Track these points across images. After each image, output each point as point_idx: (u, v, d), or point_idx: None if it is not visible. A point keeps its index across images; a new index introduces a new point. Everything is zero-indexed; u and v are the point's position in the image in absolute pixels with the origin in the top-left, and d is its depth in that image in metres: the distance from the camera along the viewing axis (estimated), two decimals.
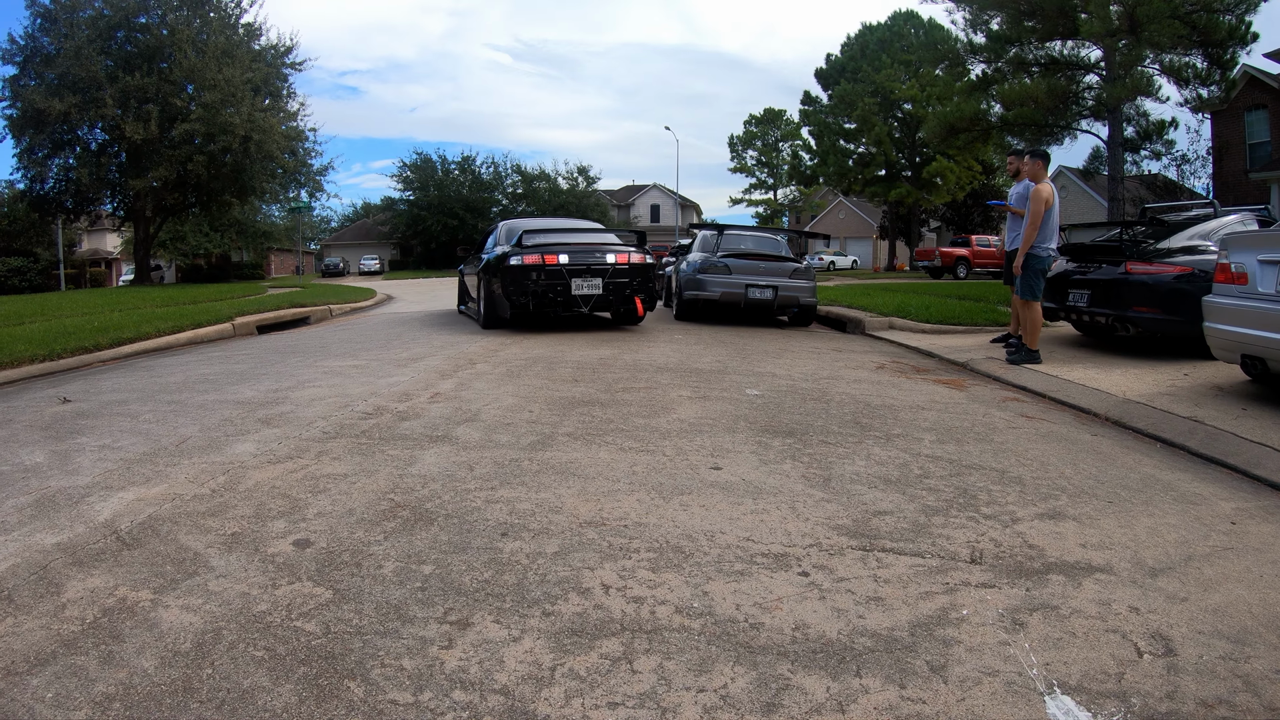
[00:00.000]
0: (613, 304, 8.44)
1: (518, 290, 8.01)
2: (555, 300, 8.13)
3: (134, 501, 2.78)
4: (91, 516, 2.63)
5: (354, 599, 2.03)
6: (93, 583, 2.11)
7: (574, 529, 2.51)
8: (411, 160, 48.97)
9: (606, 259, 8.31)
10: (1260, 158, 18.88)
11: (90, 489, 2.93)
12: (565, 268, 8.11)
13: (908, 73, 31.97)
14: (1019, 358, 6.43)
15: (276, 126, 24.90)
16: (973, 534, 2.54)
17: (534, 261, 8.01)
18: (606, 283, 8.27)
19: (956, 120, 14.54)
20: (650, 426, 3.93)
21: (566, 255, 8.15)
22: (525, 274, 8.00)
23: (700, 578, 2.18)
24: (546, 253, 8.09)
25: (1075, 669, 1.73)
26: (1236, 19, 12.10)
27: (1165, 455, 3.88)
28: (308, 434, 3.74)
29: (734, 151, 62.27)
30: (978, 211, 34.68)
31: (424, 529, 2.51)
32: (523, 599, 2.04)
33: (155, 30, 24.34)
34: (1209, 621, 1.97)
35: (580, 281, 8.16)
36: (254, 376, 5.58)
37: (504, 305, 8.18)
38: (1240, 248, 4.84)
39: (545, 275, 8.04)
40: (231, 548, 2.36)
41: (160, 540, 2.41)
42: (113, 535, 2.46)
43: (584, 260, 8.22)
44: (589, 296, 8.24)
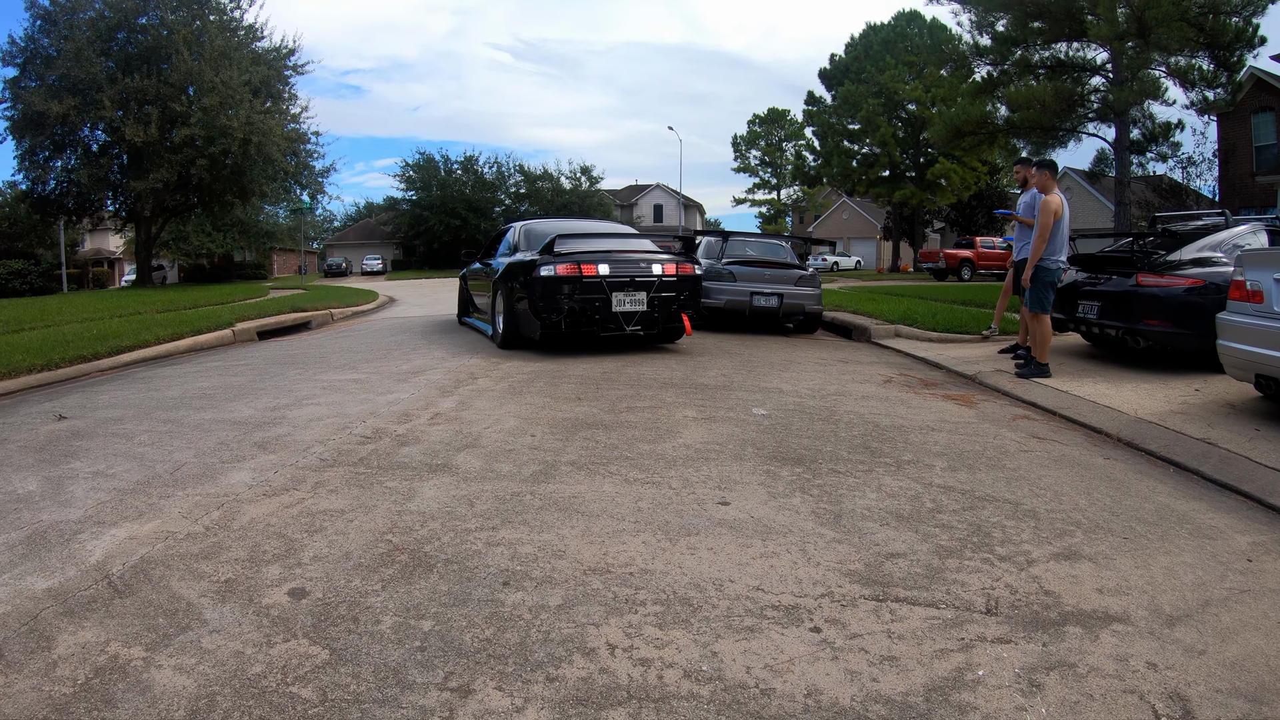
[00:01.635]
0: (657, 321, 7.43)
1: (549, 306, 6.90)
2: (593, 318, 7.08)
3: (126, 540, 2.72)
4: (83, 558, 2.58)
5: (351, 660, 1.96)
6: (84, 636, 2.06)
7: (578, 577, 2.43)
8: (414, 160, 48.87)
9: (653, 270, 7.27)
10: (1267, 160, 18.80)
11: (83, 524, 2.88)
12: (606, 280, 7.03)
13: (912, 73, 31.83)
14: (1028, 371, 6.34)
15: (277, 129, 24.81)
16: (988, 579, 2.47)
17: (569, 272, 6.91)
18: (651, 297, 7.22)
19: (963, 123, 14.41)
20: (655, 453, 3.85)
21: (607, 265, 7.08)
22: (558, 287, 6.88)
23: (709, 635, 2.10)
24: (584, 261, 7.00)
25: None
26: (1244, 21, 11.98)
27: (1179, 481, 3.79)
28: (305, 461, 3.67)
29: (737, 151, 62.30)
30: (982, 213, 34.52)
31: (423, 577, 2.43)
32: (526, 661, 1.97)
33: (155, 32, 24.29)
34: (1227, 678, 1.92)
35: (622, 296, 7.08)
36: (252, 392, 5.52)
37: (531, 324, 7.10)
38: (1257, 266, 4.75)
39: (582, 289, 6.95)
40: (225, 597, 2.29)
41: (153, 587, 2.35)
42: (104, 580, 2.40)
43: (627, 271, 7.16)
44: (631, 314, 7.18)
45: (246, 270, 43.77)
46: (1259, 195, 18.46)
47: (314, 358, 7.42)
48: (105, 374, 6.87)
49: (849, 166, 34.75)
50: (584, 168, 50.82)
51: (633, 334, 7.57)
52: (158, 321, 10.00)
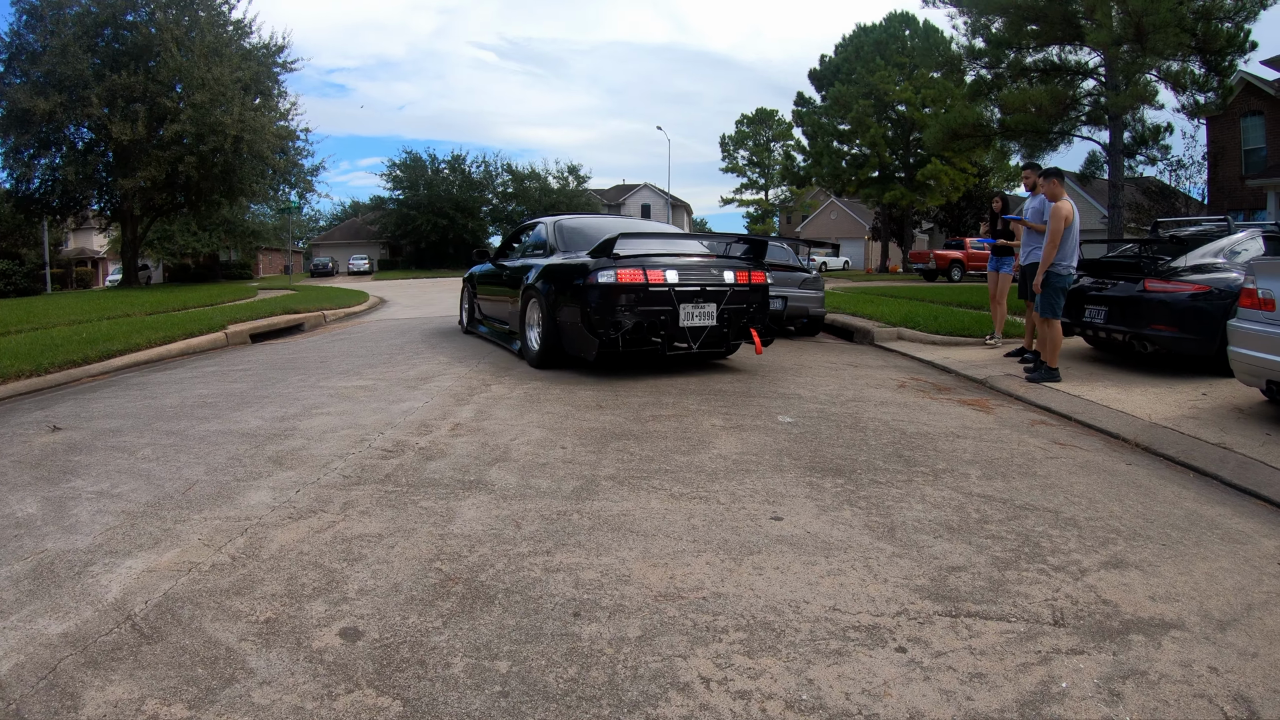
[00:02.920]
0: (727, 337, 6.49)
1: (607, 320, 5.85)
2: (658, 334, 6.09)
3: (145, 573, 2.53)
4: (99, 594, 2.38)
5: (429, 712, 1.81)
6: (114, 692, 1.85)
7: (650, 604, 2.34)
8: (401, 159, 48.71)
9: (724, 278, 6.35)
10: (1256, 163, 19.08)
11: (93, 553, 2.69)
12: (674, 289, 6.05)
13: (903, 75, 31.98)
14: (1038, 376, 6.35)
15: (268, 126, 24.49)
16: (1048, 590, 2.50)
17: (633, 279, 5.90)
18: (722, 310, 6.29)
19: (959, 126, 14.45)
20: (694, 465, 3.79)
21: (676, 272, 6.10)
22: (618, 296, 5.85)
23: (800, 661, 2.05)
24: (650, 267, 6.02)
25: None
26: (1236, 27, 12.13)
27: (1201, 486, 3.90)
28: (327, 478, 3.53)
29: (725, 151, 62.37)
30: (971, 214, 34.78)
31: (485, 610, 2.30)
32: (620, 702, 1.87)
33: (143, 28, 23.86)
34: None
35: (690, 308, 6.12)
36: (255, 400, 5.38)
37: (584, 340, 6.01)
38: (1269, 274, 4.81)
39: (647, 299, 5.95)
40: (269, 641, 2.12)
41: (183, 630, 2.16)
42: (127, 622, 2.21)
43: (697, 279, 6.21)
44: (699, 329, 6.21)
45: (232, 270, 43.30)
46: (1247, 198, 18.72)
47: (314, 362, 7.28)
48: (97, 379, 6.70)
49: (839, 167, 34.83)
50: (571, 167, 51.00)
51: (700, 353, 6.75)
52: (148, 324, 9.78)
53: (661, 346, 6.20)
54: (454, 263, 48.23)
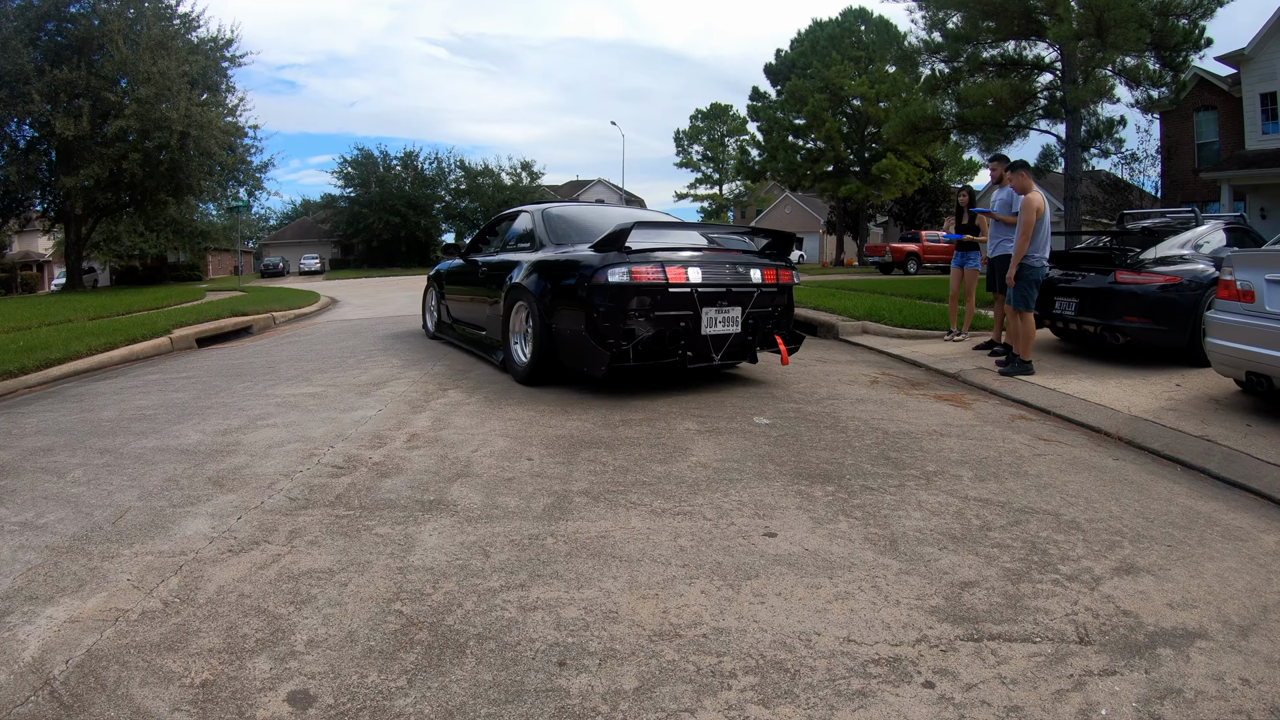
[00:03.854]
0: (751, 346, 5.62)
1: (618, 328, 4.94)
2: (677, 344, 5.19)
3: (67, 624, 2.18)
4: (15, 652, 2.03)
5: None
6: None
7: (645, 646, 2.06)
8: (353, 156, 47.70)
9: (751, 277, 5.45)
10: (1208, 157, 19.66)
11: (11, 600, 2.33)
12: (697, 290, 5.14)
13: (858, 69, 32.17)
14: (1012, 369, 6.26)
15: (215, 121, 23.51)
16: (1067, 604, 2.38)
17: (651, 278, 4.96)
18: (747, 315, 5.43)
19: (919, 120, 14.49)
20: (672, 476, 3.52)
21: (699, 270, 5.17)
22: (632, 299, 4.96)
23: (823, 708, 1.81)
24: (670, 264, 5.08)
25: None
26: (1192, 23, 12.37)
27: (1191, 481, 3.85)
28: (271, 502, 3.17)
29: (680, 146, 62.26)
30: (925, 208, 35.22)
31: (456, 662, 1.99)
32: None
33: (86, 21, 22.72)
34: None
35: (714, 313, 5.24)
36: (198, 410, 4.96)
37: (590, 353, 4.97)
38: (1247, 266, 4.79)
39: (665, 302, 5.05)
40: (207, 711, 1.78)
41: (108, 697, 1.83)
42: (45, 688, 1.87)
43: (722, 278, 5.30)
44: (723, 337, 5.33)
45: (180, 272, 41.92)
46: (1200, 191, 19.24)
47: (262, 368, 6.84)
48: (35, 390, 6.19)
49: (794, 161, 34.92)
50: (525, 163, 50.53)
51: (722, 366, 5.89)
52: (89, 330, 9.20)
53: (681, 360, 5.23)
54: (407, 261, 47.41)
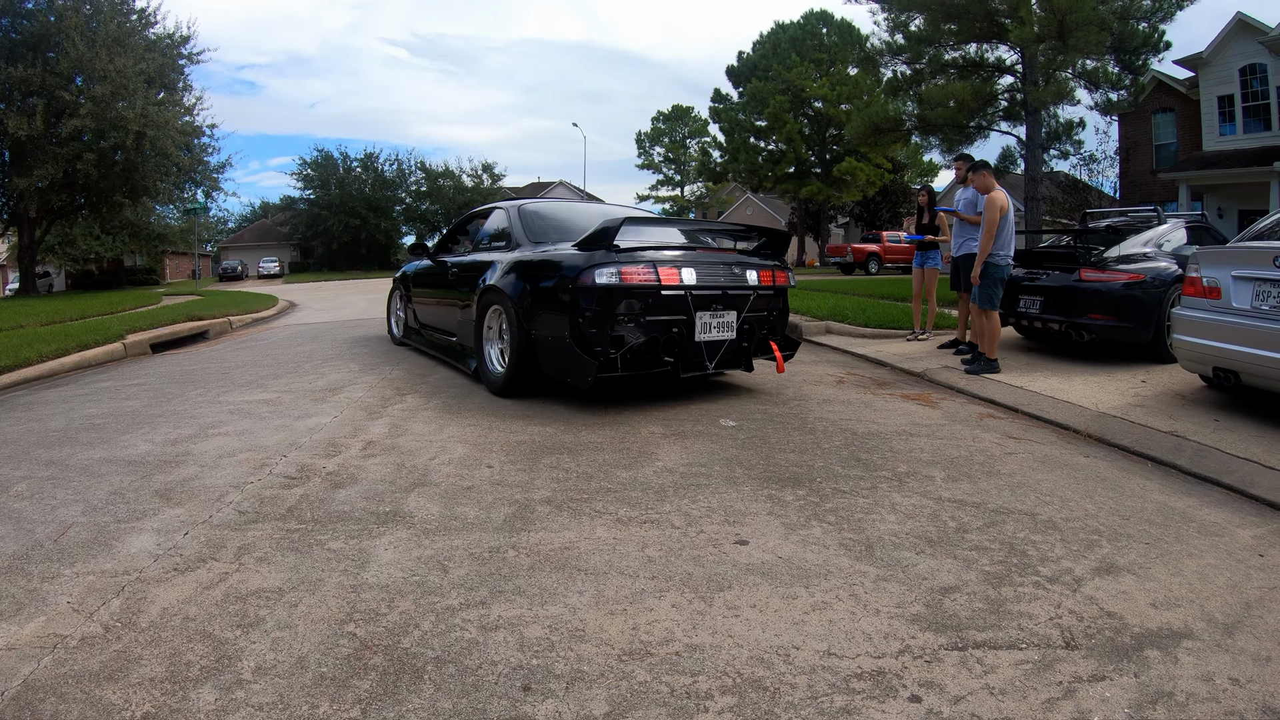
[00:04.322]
0: (746, 354, 5.26)
1: (605, 334, 4.56)
2: (670, 352, 4.79)
3: (3, 652, 2.00)
4: None
5: None
6: None
7: (615, 667, 1.93)
8: (313, 157, 46.89)
9: (748, 279, 5.10)
10: (1166, 158, 20.21)
11: None
12: (691, 292, 4.79)
13: (820, 71, 32.42)
14: (978, 368, 6.26)
15: (172, 121, 22.72)
16: (1050, 607, 2.33)
17: (643, 279, 4.58)
18: (743, 320, 5.10)
19: (881, 121, 14.60)
20: (638, 482, 3.40)
21: (693, 271, 4.79)
22: (621, 303, 4.59)
23: None
24: (662, 264, 4.70)
25: None
26: (1151, 27, 12.66)
27: (1162, 477, 3.85)
28: (220, 516, 2.98)
29: (641, 148, 62.30)
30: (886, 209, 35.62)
31: (413, 689, 1.85)
32: None
33: (43, 17, 21.77)
34: None
35: (708, 318, 4.88)
36: (148, 419, 4.72)
37: (575, 362, 4.55)
38: (1213, 263, 4.84)
39: (657, 306, 4.68)
40: None
41: None
42: None
43: (717, 280, 4.93)
44: (717, 345, 4.98)
45: (137, 275, 40.77)
46: (1158, 191, 19.75)
47: (215, 374, 6.58)
48: None
49: (756, 163, 35.05)
50: (486, 165, 50.27)
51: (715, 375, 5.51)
52: (41, 336, 8.82)
53: (674, 368, 4.82)
54: (367, 264, 46.74)
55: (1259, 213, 17.25)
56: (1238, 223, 18.25)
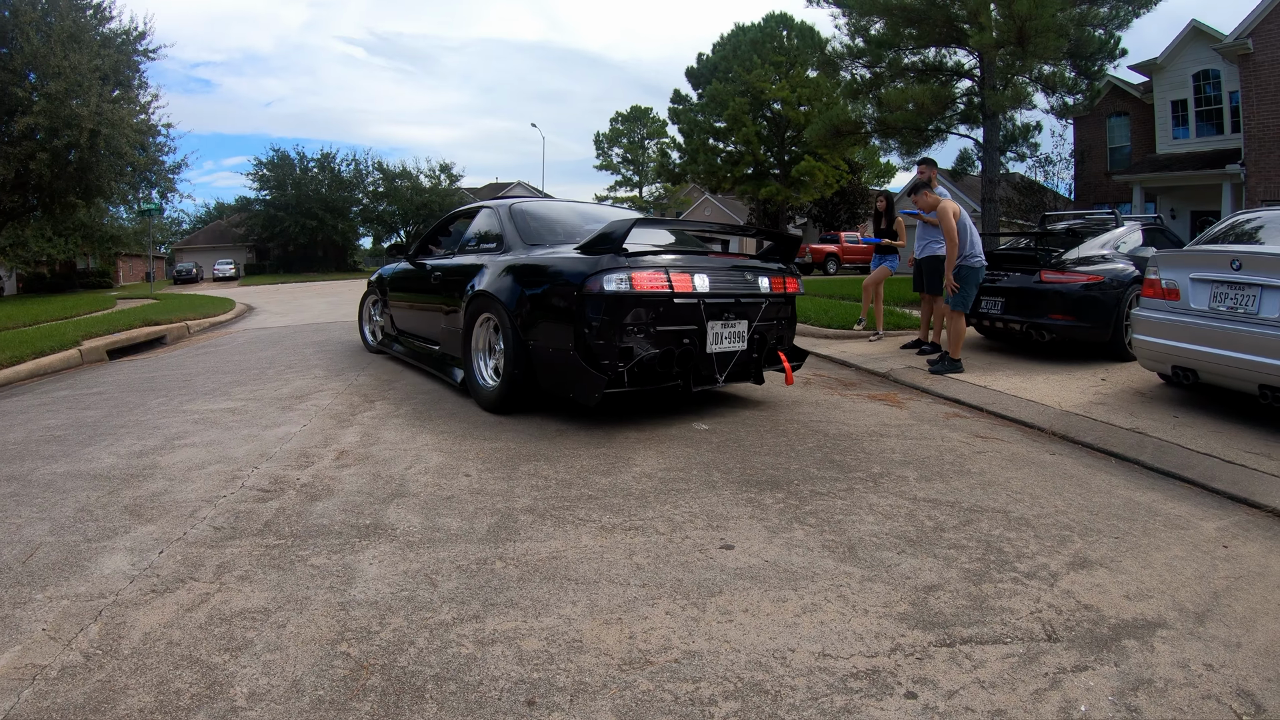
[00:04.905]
0: (756, 365, 4.99)
1: (614, 346, 4.20)
2: (683, 365, 4.47)
3: None
4: None
5: None
6: None
7: (616, 677, 1.93)
8: (269, 157, 45.82)
9: (760, 285, 4.85)
10: (1120, 160, 20.85)
11: None
12: (704, 300, 4.49)
13: (779, 74, 32.69)
14: (942, 368, 6.38)
15: (128, 119, 21.92)
16: (1030, 602, 2.41)
17: (654, 286, 4.26)
18: (754, 330, 4.83)
19: (841, 123, 14.80)
20: (618, 488, 3.40)
21: (706, 277, 4.50)
22: (631, 312, 4.23)
23: None
24: (675, 270, 4.39)
25: None
26: (1107, 34, 13.08)
27: (1127, 473, 3.97)
28: (195, 533, 2.88)
29: (600, 149, 62.20)
30: (844, 209, 36.03)
31: (415, 709, 1.80)
32: None
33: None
34: (1270, 667, 2.09)
35: (719, 328, 4.58)
36: (110, 430, 4.57)
37: (581, 376, 4.20)
38: (1172, 266, 5.00)
39: (668, 315, 4.36)
40: None
41: None
42: None
43: (730, 287, 4.66)
44: (728, 355, 4.70)
45: (90, 279, 39.46)
46: (1112, 192, 20.38)
47: (177, 382, 6.40)
48: None
49: (715, 164, 35.19)
50: (443, 165, 49.63)
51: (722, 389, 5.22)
52: None
53: (684, 383, 4.50)
54: (324, 266, 45.93)
55: (1211, 214, 17.94)
56: (1190, 224, 18.92)
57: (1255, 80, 15.39)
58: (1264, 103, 15.30)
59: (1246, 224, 5.38)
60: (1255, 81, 15.40)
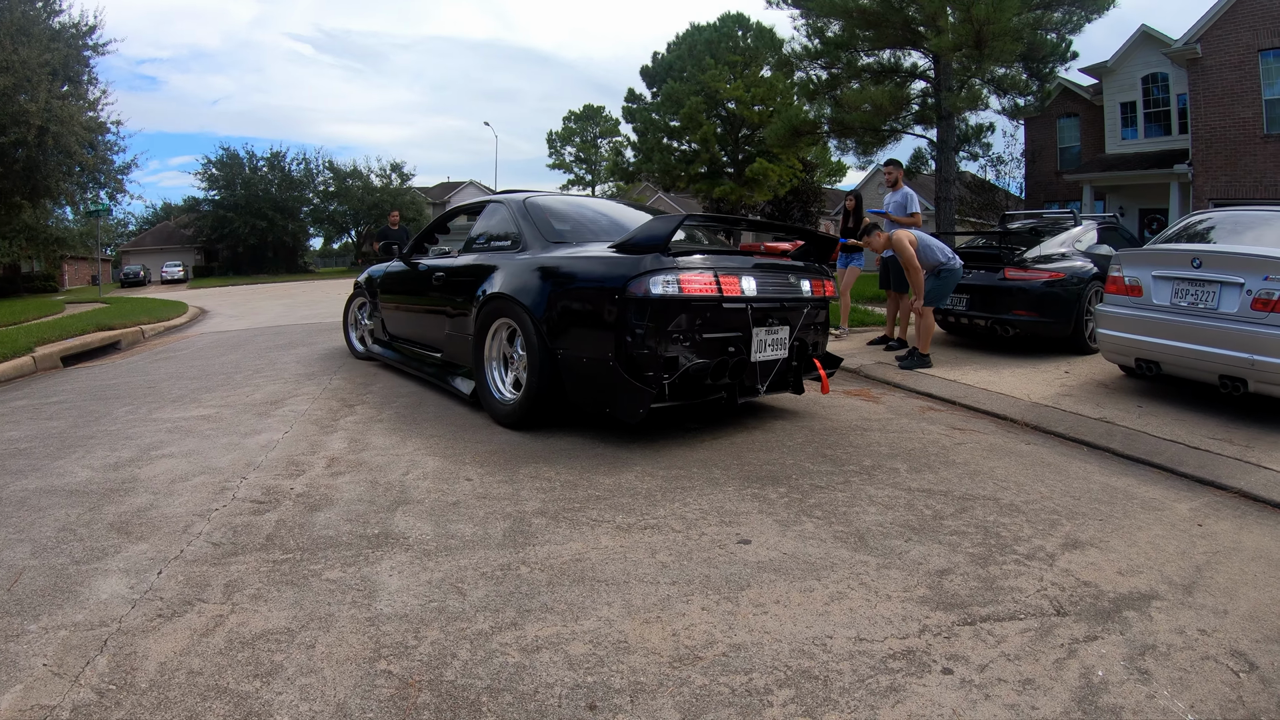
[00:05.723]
0: (796, 372, 4.72)
1: (659, 356, 3.83)
2: (734, 376, 4.22)
3: None
4: None
5: None
6: None
7: (670, 674, 1.93)
8: (218, 156, 44.63)
9: (802, 288, 4.56)
10: (1070, 160, 21.59)
11: None
12: (751, 305, 4.18)
13: (734, 73, 32.96)
14: (911, 363, 6.53)
15: (77, 116, 20.90)
16: (1034, 581, 2.55)
17: (702, 290, 3.90)
18: (795, 336, 4.55)
19: (800, 124, 15.02)
20: (623, 486, 3.42)
21: (752, 281, 4.16)
22: (678, 318, 3.87)
23: (864, 710, 1.82)
24: (723, 272, 4.03)
25: (1211, 703, 1.90)
26: (1060, 38, 13.55)
27: (1100, 460, 4.17)
28: (193, 550, 2.71)
29: (553, 148, 61.88)
30: (798, 208, 36.45)
31: None
32: None
33: None
34: (1256, 630, 2.27)
35: (763, 335, 4.28)
36: (79, 441, 4.36)
37: (625, 390, 3.80)
38: (1134, 264, 5.21)
39: (714, 322, 4.02)
40: None
41: None
42: None
43: (775, 291, 4.34)
44: (770, 364, 4.40)
45: (35, 282, 37.67)
46: (1062, 191, 21.12)
47: (141, 389, 6.17)
48: None
49: (670, 163, 35.33)
50: (395, 164, 49.15)
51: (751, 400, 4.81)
52: None
53: (730, 394, 4.24)
54: (274, 267, 44.89)
55: (1159, 211, 18.69)
56: (1138, 221, 19.72)
57: (1203, 84, 16.06)
58: (1211, 105, 15.97)
59: (1199, 224, 5.66)
60: (1203, 85, 16.07)
